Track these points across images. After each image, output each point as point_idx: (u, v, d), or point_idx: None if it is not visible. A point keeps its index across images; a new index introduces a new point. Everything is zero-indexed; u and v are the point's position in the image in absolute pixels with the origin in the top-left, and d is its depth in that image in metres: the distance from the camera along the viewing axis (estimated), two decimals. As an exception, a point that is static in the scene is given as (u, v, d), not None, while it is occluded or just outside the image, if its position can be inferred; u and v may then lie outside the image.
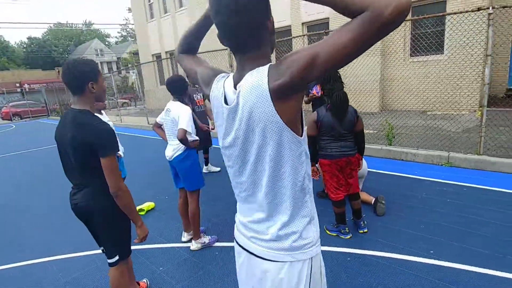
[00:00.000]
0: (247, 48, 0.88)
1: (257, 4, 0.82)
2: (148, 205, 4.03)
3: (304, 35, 9.37)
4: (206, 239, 3.06)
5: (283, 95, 0.81)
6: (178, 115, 2.70)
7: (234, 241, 1.11)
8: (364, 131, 2.90)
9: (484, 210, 3.23)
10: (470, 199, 3.52)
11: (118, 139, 3.20)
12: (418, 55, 9.13)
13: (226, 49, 7.74)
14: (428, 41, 8.53)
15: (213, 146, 5.21)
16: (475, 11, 4.22)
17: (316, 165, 2.97)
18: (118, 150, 1.70)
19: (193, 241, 3.02)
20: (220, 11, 0.83)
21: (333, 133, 2.73)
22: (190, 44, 1.13)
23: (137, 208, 3.97)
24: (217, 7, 0.83)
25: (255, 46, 0.88)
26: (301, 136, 0.87)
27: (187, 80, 3.02)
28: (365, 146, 2.93)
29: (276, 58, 11.12)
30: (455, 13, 4.56)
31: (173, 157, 2.84)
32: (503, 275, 2.26)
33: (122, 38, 38.79)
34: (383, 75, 9.83)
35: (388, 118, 6.57)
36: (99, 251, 3.08)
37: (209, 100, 1.02)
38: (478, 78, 8.40)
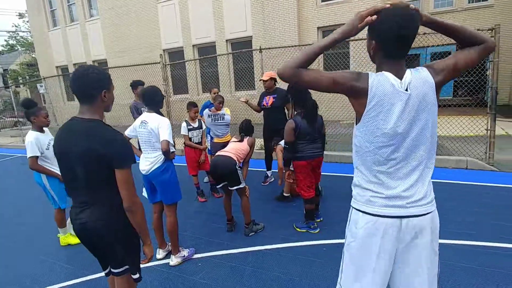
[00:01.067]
0: (406, 53, 1.25)
1: None
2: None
3: (229, 53, 9.85)
4: (185, 252, 3.01)
5: (439, 87, 1.24)
6: (158, 127, 2.66)
7: (372, 220, 1.27)
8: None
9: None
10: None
11: None
12: (330, 73, 10.49)
13: (159, 63, 7.56)
14: (338, 61, 9.94)
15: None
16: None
17: (291, 168, 3.28)
18: (135, 162, 1.64)
19: (172, 256, 2.94)
20: (409, 28, 1.17)
21: (308, 137, 3.10)
22: (312, 61, 1.27)
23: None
24: (409, 24, 1.17)
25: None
26: None
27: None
28: None
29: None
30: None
31: (150, 171, 2.75)
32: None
33: (8, 47, 32.91)
34: (303, 90, 10.94)
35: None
36: (67, 283, 2.74)
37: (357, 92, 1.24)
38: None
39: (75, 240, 3.52)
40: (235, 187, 3.26)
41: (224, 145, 4.58)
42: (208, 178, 4.91)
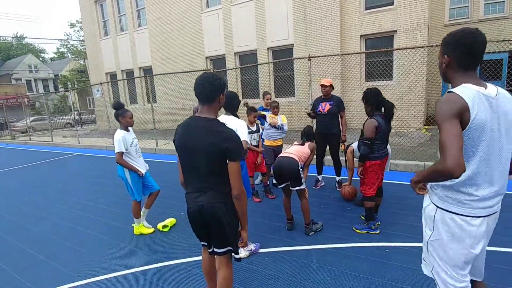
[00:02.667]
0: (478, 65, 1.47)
1: None
2: (170, 221, 4.00)
3: (274, 61, 10.16)
4: (252, 246, 3.23)
5: None
6: (236, 128, 2.91)
7: (469, 219, 1.47)
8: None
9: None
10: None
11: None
12: (372, 80, 10.46)
13: (210, 70, 8.00)
14: (380, 69, 9.90)
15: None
16: (438, 46, 5.23)
17: None
18: (244, 156, 1.90)
19: (241, 249, 3.16)
20: (483, 42, 1.39)
21: (384, 137, 3.31)
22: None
23: (161, 224, 3.94)
24: (482, 39, 1.39)
25: None
26: None
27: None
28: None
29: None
30: (422, 47, 5.57)
31: (226, 168, 3.01)
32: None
33: (59, 54, 35.84)
34: (343, 98, 10.93)
35: (351, 137, 7.42)
36: (119, 273, 3.04)
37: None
38: (422, 101, 9.93)
39: (147, 230, 3.87)
40: (296, 188, 3.44)
41: (275, 149, 4.82)
42: (262, 180, 5.13)
